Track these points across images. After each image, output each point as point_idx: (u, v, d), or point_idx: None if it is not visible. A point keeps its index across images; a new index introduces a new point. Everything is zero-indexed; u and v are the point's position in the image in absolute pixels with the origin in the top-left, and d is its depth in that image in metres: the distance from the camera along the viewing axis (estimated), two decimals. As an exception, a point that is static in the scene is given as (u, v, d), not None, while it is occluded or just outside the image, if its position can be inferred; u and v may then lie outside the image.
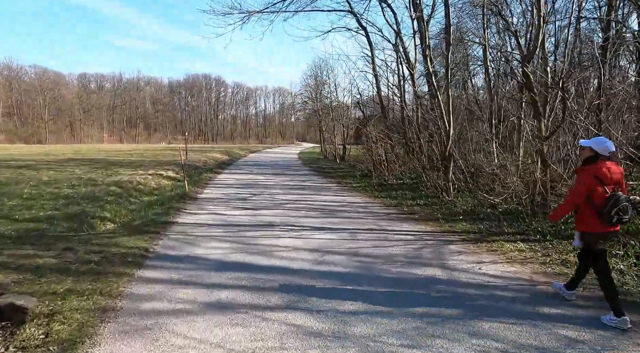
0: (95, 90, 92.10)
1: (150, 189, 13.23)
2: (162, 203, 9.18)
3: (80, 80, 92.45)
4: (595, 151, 3.35)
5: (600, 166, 3.30)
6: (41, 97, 78.28)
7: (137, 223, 7.32)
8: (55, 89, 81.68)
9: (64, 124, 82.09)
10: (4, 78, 77.90)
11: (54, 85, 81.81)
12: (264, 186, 12.48)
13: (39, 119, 77.95)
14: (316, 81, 34.04)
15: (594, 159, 3.35)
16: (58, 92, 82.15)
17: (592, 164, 3.34)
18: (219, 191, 11.31)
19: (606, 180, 3.26)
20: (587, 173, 3.33)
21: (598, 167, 3.29)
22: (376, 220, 7.26)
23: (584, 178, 3.34)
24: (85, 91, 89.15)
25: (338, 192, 11.22)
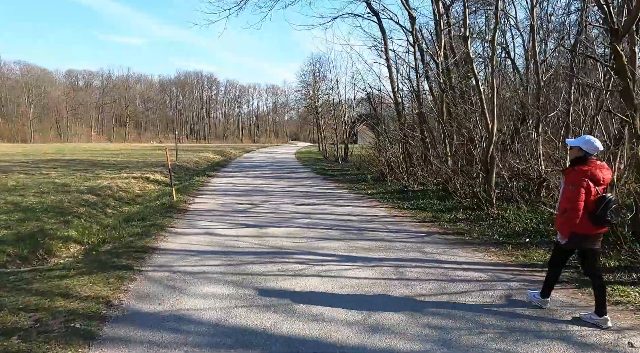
0: (83, 87, 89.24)
1: (133, 197, 11.45)
2: (143, 217, 7.45)
3: (68, 77, 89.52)
4: (584, 150, 3.23)
5: (592, 166, 3.19)
6: (26, 95, 75.33)
7: (108, 248, 5.59)
8: (41, 86, 78.73)
9: (50, 122, 79.26)
10: (-14, 75, 74.77)
11: (40, 82, 78.84)
12: (266, 192, 10.78)
13: (24, 117, 75.05)
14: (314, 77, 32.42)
15: (584, 159, 3.24)
16: (44, 89, 79.22)
17: (583, 165, 3.22)
18: (213, 200, 9.59)
19: (598, 181, 3.16)
20: (580, 173, 3.19)
21: (590, 168, 3.18)
22: (418, 244, 5.62)
23: (577, 179, 3.19)
24: (73, 88, 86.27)
25: (354, 201, 9.57)
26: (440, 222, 7.04)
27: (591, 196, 3.15)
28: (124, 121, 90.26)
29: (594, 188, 3.16)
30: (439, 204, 8.65)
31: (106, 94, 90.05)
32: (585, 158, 3.24)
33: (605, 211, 3.10)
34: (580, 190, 3.16)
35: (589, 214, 3.16)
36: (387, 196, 10.05)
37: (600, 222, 3.16)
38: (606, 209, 3.10)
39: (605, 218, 3.12)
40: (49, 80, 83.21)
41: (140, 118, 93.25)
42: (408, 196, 9.91)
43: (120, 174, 16.16)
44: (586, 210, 3.16)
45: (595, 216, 3.14)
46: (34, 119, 75.15)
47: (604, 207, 3.10)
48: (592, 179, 3.16)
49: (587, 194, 3.16)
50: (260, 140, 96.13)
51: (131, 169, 17.37)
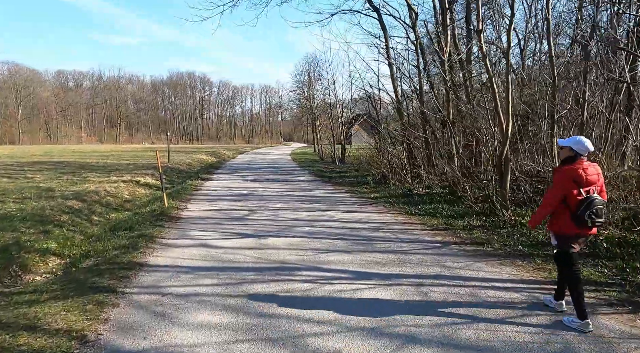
0: (73, 88, 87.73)
1: (121, 202, 10.80)
2: (131, 226, 6.82)
3: (57, 78, 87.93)
4: (575, 151, 3.22)
5: (577, 166, 3.18)
6: (14, 96, 73.77)
7: (89, 264, 4.98)
8: (30, 87, 77.18)
9: (39, 124, 77.72)
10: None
11: (29, 83, 77.28)
12: (263, 197, 10.19)
13: (12, 119, 73.46)
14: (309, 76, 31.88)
15: (573, 159, 3.23)
16: (32, 90, 77.66)
17: (569, 165, 3.22)
18: (208, 205, 8.98)
19: (582, 182, 3.13)
20: (564, 174, 3.21)
21: (574, 168, 3.17)
22: (436, 257, 5.07)
23: (560, 180, 3.22)
24: (62, 89, 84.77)
25: (358, 206, 9.03)
26: (455, 230, 6.51)
27: (575, 196, 3.13)
28: (116, 122, 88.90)
29: (577, 188, 3.12)
30: (449, 209, 8.14)
31: (97, 94, 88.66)
32: (574, 158, 3.22)
33: (585, 211, 3.07)
34: (557, 189, 3.19)
35: (571, 215, 3.16)
36: (392, 200, 9.52)
37: (579, 222, 3.13)
38: (586, 210, 3.07)
39: (584, 218, 3.08)
40: (38, 80, 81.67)
41: (132, 119, 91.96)
42: (414, 200, 9.38)
43: (110, 177, 15.49)
44: (570, 211, 3.16)
45: (576, 216, 3.12)
46: (22, 120, 73.62)
47: (584, 208, 3.08)
48: (575, 179, 3.14)
49: (570, 195, 3.14)
50: (254, 141, 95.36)
51: (121, 172, 16.69)
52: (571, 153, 3.25)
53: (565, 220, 3.19)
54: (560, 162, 3.40)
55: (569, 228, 3.20)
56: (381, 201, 9.60)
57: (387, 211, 8.40)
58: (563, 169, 3.24)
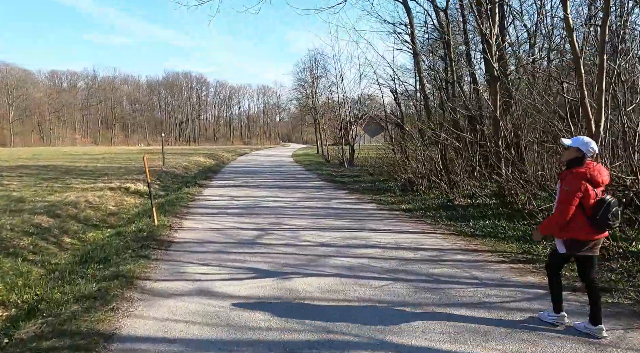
0: (67, 88, 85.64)
1: (104, 216, 9.07)
2: (106, 257, 5.10)
3: (51, 78, 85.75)
4: (582, 151, 3.05)
5: (591, 167, 3.03)
6: (5, 96, 71.66)
7: (31, 331, 3.27)
8: (22, 87, 75.10)
9: (32, 125, 75.64)
10: (-37, 75, 70.89)
11: (21, 83, 75.20)
12: (274, 210, 8.48)
13: (3, 120, 71.37)
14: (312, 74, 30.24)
15: (581, 161, 3.06)
16: (25, 90, 75.57)
17: (581, 167, 3.04)
18: (207, 222, 7.27)
19: (597, 183, 2.99)
20: (578, 176, 3.01)
21: (588, 169, 3.01)
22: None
23: (575, 182, 2.99)
24: (56, 89, 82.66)
25: (393, 222, 7.32)
26: (542, 262, 4.82)
27: (590, 199, 2.97)
28: (111, 123, 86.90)
29: (592, 190, 2.97)
30: (510, 227, 6.47)
31: (91, 95, 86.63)
32: (582, 160, 3.06)
33: (607, 214, 2.91)
34: (576, 194, 2.98)
35: (588, 219, 2.97)
36: (432, 214, 7.84)
37: (602, 226, 2.97)
38: (607, 213, 2.90)
39: (607, 221, 2.92)
40: (31, 81, 79.59)
41: (127, 120, 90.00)
42: (458, 213, 7.71)
43: (96, 183, 13.76)
44: (585, 215, 2.99)
45: (596, 220, 2.94)
46: (14, 121, 71.57)
47: (604, 210, 2.91)
48: (590, 181, 2.98)
49: (586, 198, 2.98)
50: (252, 142, 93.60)
51: (110, 178, 14.96)
52: (578, 153, 3.08)
53: (580, 225, 3.00)
54: (566, 164, 3.19)
55: (585, 234, 3.01)
56: (417, 215, 7.92)
57: (432, 229, 6.71)
58: (575, 171, 3.04)
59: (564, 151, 3.23)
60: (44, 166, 20.13)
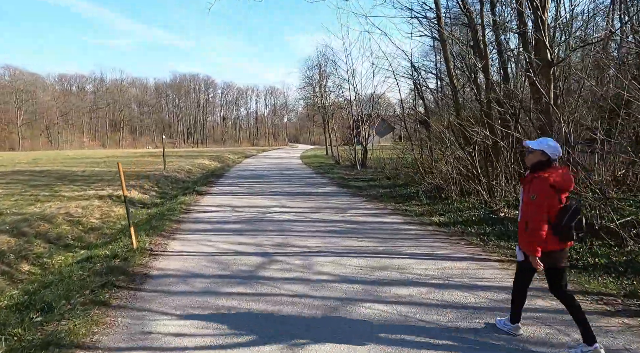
0: (76, 92, 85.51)
1: (82, 233, 7.75)
2: (51, 304, 3.73)
3: (60, 81, 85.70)
4: (548, 155, 2.87)
5: (556, 171, 2.82)
6: (14, 100, 71.58)
7: None
8: (31, 91, 75.03)
9: (40, 128, 75.51)
10: (-29, 80, 70.94)
11: (31, 87, 75.15)
12: (280, 225, 7.06)
13: (12, 124, 71.31)
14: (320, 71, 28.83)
15: (546, 164, 2.87)
16: (34, 94, 75.50)
17: (546, 171, 2.83)
18: (198, 244, 5.87)
19: (561, 188, 2.78)
20: (544, 181, 2.78)
21: (554, 174, 2.80)
22: None
23: (541, 188, 2.78)
24: (63, 93, 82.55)
25: (430, 243, 5.82)
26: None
27: (554, 206, 2.77)
28: (119, 126, 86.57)
29: (556, 196, 2.77)
30: (593, 253, 4.97)
31: (99, 98, 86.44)
32: (548, 163, 2.87)
33: (571, 221, 2.71)
34: (543, 200, 2.77)
35: (553, 227, 2.74)
36: (474, 230, 6.35)
37: (567, 234, 2.74)
38: (572, 220, 2.71)
39: (569, 228, 2.71)
40: (40, 85, 79.55)
41: (135, 123, 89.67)
42: (509, 230, 6.19)
43: (86, 191, 12.52)
44: (550, 224, 2.75)
45: (561, 228, 2.72)
46: (22, 125, 71.47)
47: (569, 217, 2.70)
48: (555, 186, 2.77)
49: (551, 205, 2.77)
50: (260, 143, 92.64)
51: (104, 184, 13.75)
52: (543, 157, 2.89)
53: (548, 235, 2.75)
54: (530, 168, 2.96)
55: (552, 244, 2.77)
56: (457, 231, 6.44)
57: (484, 254, 5.21)
58: (540, 176, 2.81)
59: (528, 154, 3.00)
60: (39, 171, 19.05)
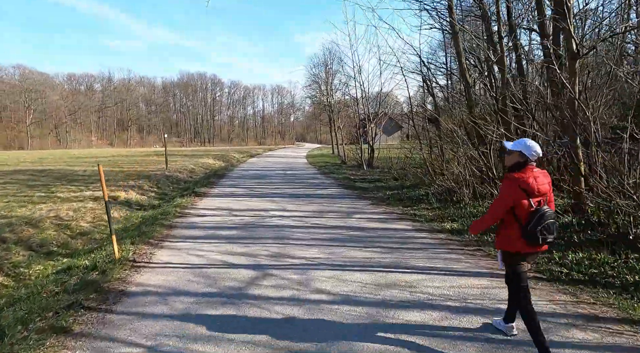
0: (84, 91, 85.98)
1: (69, 238, 7.31)
2: (3, 333, 3.23)
3: (69, 81, 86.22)
4: (526, 156, 2.80)
5: (527, 174, 2.76)
6: (24, 100, 72.12)
7: None
8: (40, 90, 75.55)
9: (49, 128, 75.99)
10: (-18, 79, 71.52)
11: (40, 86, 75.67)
12: (279, 231, 6.53)
13: (22, 123, 71.85)
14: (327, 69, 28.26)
15: (523, 165, 2.81)
16: (43, 93, 76.01)
17: (519, 172, 2.78)
18: (188, 254, 5.34)
19: (532, 192, 2.73)
20: (513, 182, 2.77)
21: (525, 176, 2.75)
22: None
23: (508, 188, 2.79)
24: (72, 92, 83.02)
25: (447, 257, 5.20)
26: None
27: (524, 208, 2.73)
28: (126, 125, 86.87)
29: (527, 199, 2.72)
30: (629, 269, 4.35)
31: (107, 97, 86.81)
32: (524, 164, 2.80)
33: (536, 226, 2.67)
34: (505, 200, 2.78)
35: (522, 230, 2.74)
36: (491, 239, 5.75)
37: (531, 238, 2.71)
38: (537, 225, 2.67)
39: (535, 234, 2.68)
40: (50, 84, 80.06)
41: (142, 122, 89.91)
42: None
43: (83, 192, 12.16)
44: (519, 226, 2.75)
45: (527, 232, 2.70)
46: (31, 124, 71.96)
47: (535, 222, 2.67)
48: (526, 189, 2.72)
49: (519, 207, 2.74)
50: (266, 142, 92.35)
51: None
52: (521, 158, 2.82)
53: (514, 236, 2.78)
54: (508, 169, 2.92)
55: (519, 245, 2.78)
56: (472, 240, 5.84)
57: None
58: (513, 177, 2.77)
59: (506, 156, 2.96)
60: (41, 170, 18.78)
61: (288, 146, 73.96)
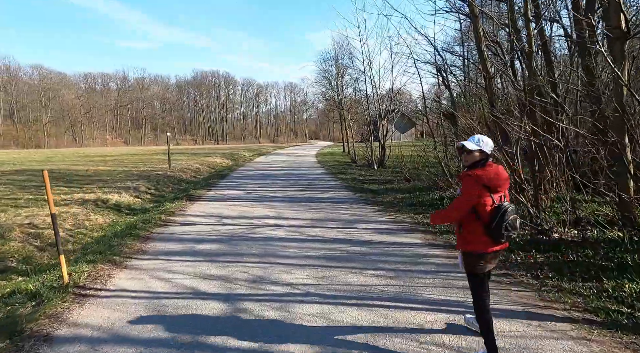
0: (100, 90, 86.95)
1: (30, 254, 6.52)
2: None
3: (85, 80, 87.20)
4: (486, 153, 2.78)
5: (490, 170, 2.71)
6: (41, 99, 73.21)
7: None
8: (57, 90, 76.64)
9: (65, 126, 77.00)
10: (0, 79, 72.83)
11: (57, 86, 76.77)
12: (268, 245, 5.58)
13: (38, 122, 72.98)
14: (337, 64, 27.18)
15: (482, 162, 2.76)
16: (59, 92, 77.08)
17: (480, 169, 2.72)
18: (152, 278, 4.44)
19: (495, 188, 2.69)
20: (475, 179, 2.68)
21: (487, 172, 2.69)
22: None
23: (470, 186, 2.69)
24: (87, 91, 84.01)
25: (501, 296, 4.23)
26: None
27: (487, 206, 2.67)
28: (141, 123, 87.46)
29: (489, 196, 2.67)
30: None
31: (122, 96, 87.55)
32: (484, 161, 2.76)
33: (501, 222, 2.63)
34: (469, 198, 2.69)
35: (485, 228, 2.68)
36: (521, 260, 4.70)
37: (497, 236, 2.67)
38: (502, 221, 2.63)
39: (500, 230, 2.63)
40: (66, 84, 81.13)
41: (157, 120, 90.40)
42: (570, 262, 4.51)
43: (74, 194, 11.44)
44: (482, 224, 2.68)
45: (491, 230, 2.65)
46: (47, 123, 73.00)
47: (500, 218, 2.62)
48: (488, 185, 2.67)
49: (482, 205, 2.67)
50: (279, 140, 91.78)
51: (98, 185, 12.70)
52: (482, 155, 2.78)
53: (477, 235, 2.71)
54: (467, 166, 2.82)
55: (481, 244, 2.71)
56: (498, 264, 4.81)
57: (544, 305, 3.56)
58: (472, 174, 2.70)
59: (465, 156, 2.83)
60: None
61: (300, 144, 73.16)
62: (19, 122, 73.02)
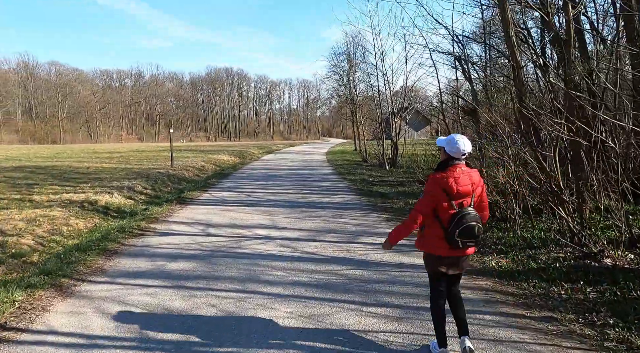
0: (116, 86, 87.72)
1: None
2: None
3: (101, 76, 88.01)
4: (448, 154, 2.63)
5: (448, 174, 2.59)
6: (58, 95, 74.11)
7: None
8: (74, 86, 77.51)
9: (80, 122, 77.86)
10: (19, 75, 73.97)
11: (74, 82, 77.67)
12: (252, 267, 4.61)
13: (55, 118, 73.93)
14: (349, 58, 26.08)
15: (446, 164, 2.63)
16: (76, 88, 77.96)
17: (441, 172, 2.62)
18: (90, 318, 3.53)
19: (452, 193, 2.57)
20: (433, 182, 2.62)
21: (445, 175, 2.59)
22: None
23: (429, 188, 2.63)
24: (102, 87, 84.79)
25: (516, 341, 3.22)
26: None
27: (445, 210, 2.59)
28: (155, 120, 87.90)
29: (447, 201, 2.57)
30: None
31: (137, 92, 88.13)
32: (447, 163, 2.62)
33: (455, 229, 2.53)
34: (428, 200, 2.62)
35: (444, 233, 2.61)
36: (567, 295, 3.65)
37: (452, 242, 2.57)
38: (456, 227, 2.53)
39: (455, 236, 2.54)
40: (83, 80, 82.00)
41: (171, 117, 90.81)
42: (630, 298, 3.45)
43: (64, 194, 10.71)
44: (442, 228, 2.61)
45: (447, 235, 2.58)
46: (63, 119, 73.87)
47: (454, 225, 2.54)
48: (446, 189, 2.57)
49: (439, 209, 2.60)
50: (292, 137, 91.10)
51: (94, 184, 12.00)
52: (445, 156, 2.66)
53: (436, 237, 2.65)
54: (436, 166, 2.73)
55: (440, 248, 2.64)
56: (536, 295, 3.73)
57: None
58: (434, 177, 2.63)
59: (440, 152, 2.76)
60: (44, 167, 17.87)
61: (313, 141, 72.26)
62: (37, 119, 74.10)
